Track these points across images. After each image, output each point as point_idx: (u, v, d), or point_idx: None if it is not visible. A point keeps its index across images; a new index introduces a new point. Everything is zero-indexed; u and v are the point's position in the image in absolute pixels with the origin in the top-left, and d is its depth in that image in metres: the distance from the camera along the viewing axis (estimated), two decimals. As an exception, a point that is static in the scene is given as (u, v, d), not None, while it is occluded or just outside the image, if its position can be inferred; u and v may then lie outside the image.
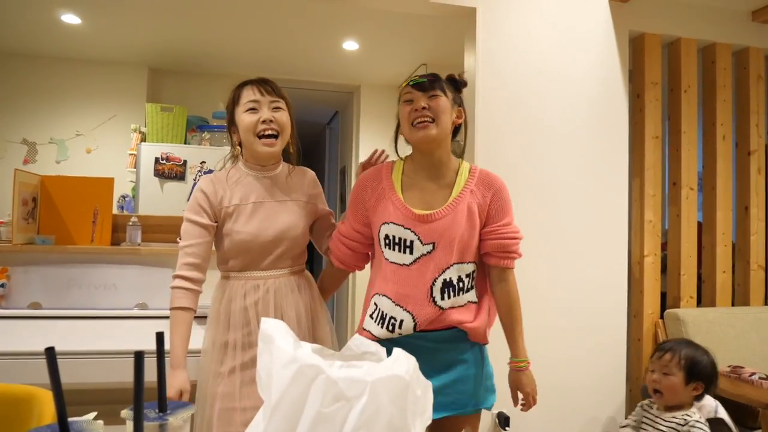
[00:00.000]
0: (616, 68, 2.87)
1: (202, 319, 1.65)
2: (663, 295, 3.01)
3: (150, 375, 0.76)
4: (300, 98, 5.30)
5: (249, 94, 1.58)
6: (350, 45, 3.98)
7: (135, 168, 3.93)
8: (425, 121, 1.49)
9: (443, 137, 1.53)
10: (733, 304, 3.07)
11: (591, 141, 2.81)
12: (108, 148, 4.37)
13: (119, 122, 4.37)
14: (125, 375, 1.78)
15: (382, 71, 4.55)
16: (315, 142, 7.40)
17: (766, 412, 2.17)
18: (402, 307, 1.50)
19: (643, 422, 1.98)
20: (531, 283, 2.67)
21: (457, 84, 1.59)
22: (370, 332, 1.53)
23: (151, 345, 0.82)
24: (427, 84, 1.50)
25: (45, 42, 4.06)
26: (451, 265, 1.50)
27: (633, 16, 2.90)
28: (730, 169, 3.09)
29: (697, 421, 1.81)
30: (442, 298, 1.50)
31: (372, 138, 4.77)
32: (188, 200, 1.62)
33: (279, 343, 0.74)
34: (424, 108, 1.49)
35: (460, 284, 1.52)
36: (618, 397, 2.81)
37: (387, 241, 1.53)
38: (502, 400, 2.55)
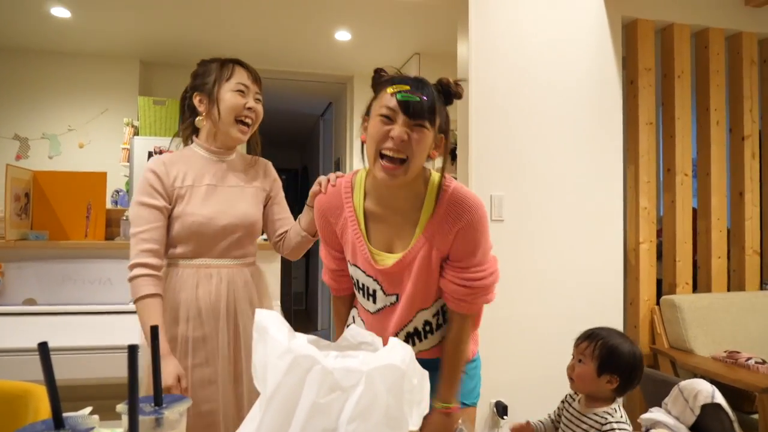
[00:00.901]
0: (610, 54, 2.86)
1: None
2: (659, 282, 3.03)
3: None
4: (293, 89, 5.27)
5: (242, 76, 1.50)
6: (342, 35, 3.95)
7: (128, 162, 3.91)
8: (395, 161, 1.17)
9: (411, 177, 1.21)
10: (728, 290, 3.09)
11: (585, 128, 2.81)
12: (101, 142, 4.34)
13: (111, 116, 4.34)
14: (121, 370, 1.78)
15: (375, 61, 4.52)
16: (309, 133, 7.38)
17: (762, 397, 2.18)
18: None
19: (563, 416, 1.87)
20: (526, 271, 2.69)
21: (448, 96, 1.24)
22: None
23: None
24: (415, 108, 1.15)
25: (35, 36, 4.01)
26: (415, 315, 1.31)
27: (626, 2, 2.89)
28: (724, 155, 3.09)
29: (618, 422, 1.63)
30: (412, 344, 1.33)
31: (366, 129, 4.76)
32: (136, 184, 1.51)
33: (274, 334, 0.73)
34: (402, 140, 1.15)
35: (427, 327, 1.33)
36: (615, 384, 2.82)
37: (354, 282, 1.36)
38: (500, 389, 2.57)
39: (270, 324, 0.77)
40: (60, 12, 3.58)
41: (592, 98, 2.83)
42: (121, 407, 0.73)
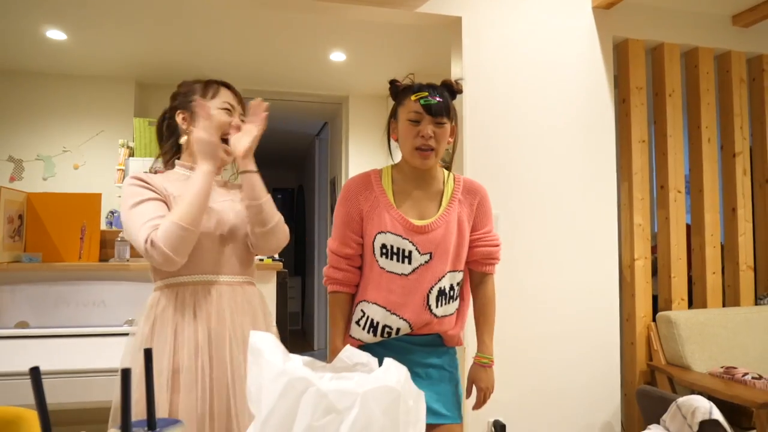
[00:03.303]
0: (601, 74, 2.90)
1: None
2: (654, 298, 3.03)
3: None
4: (289, 109, 5.31)
5: (227, 96, 1.49)
6: (337, 56, 4.00)
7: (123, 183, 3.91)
8: (427, 150, 1.51)
9: (437, 161, 1.57)
10: (724, 305, 3.09)
11: (578, 146, 2.83)
12: (96, 163, 4.34)
13: (107, 137, 4.35)
14: (116, 393, 1.76)
15: (370, 81, 4.57)
16: (304, 153, 7.41)
17: (760, 412, 2.18)
18: (398, 315, 1.53)
19: None
20: (523, 290, 2.69)
21: (453, 92, 1.57)
22: (360, 339, 1.55)
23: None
24: (436, 109, 1.48)
25: (30, 58, 4.04)
26: (446, 274, 1.55)
27: (616, 23, 2.93)
28: (716, 172, 3.12)
29: None
30: (437, 306, 1.55)
31: (361, 148, 4.78)
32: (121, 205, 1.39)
33: (268, 357, 0.73)
34: (430, 136, 1.49)
35: (451, 293, 1.58)
36: (613, 402, 2.80)
37: (384, 251, 1.53)
38: (498, 408, 2.55)
39: (264, 346, 0.76)
40: (55, 34, 3.61)
41: (585, 117, 2.86)
42: (114, 431, 0.73)
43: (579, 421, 2.75)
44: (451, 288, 1.57)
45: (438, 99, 1.49)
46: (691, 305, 3.06)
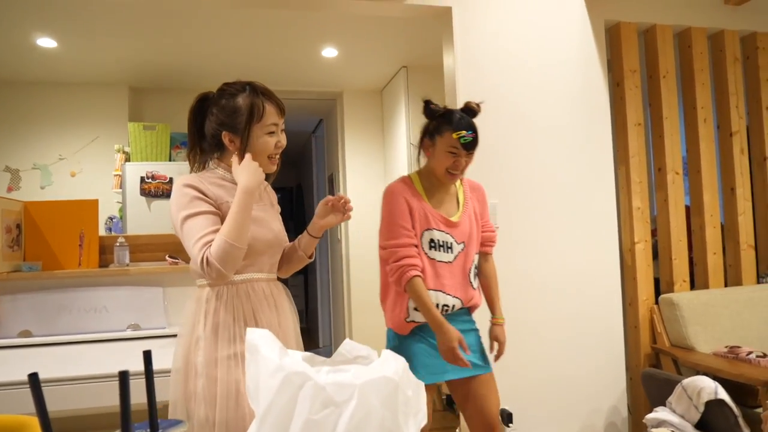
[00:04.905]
0: (595, 58, 2.89)
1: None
2: (656, 281, 3.02)
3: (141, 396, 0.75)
4: (283, 108, 5.29)
5: (272, 114, 1.50)
6: (329, 52, 3.98)
7: (121, 188, 3.91)
8: (457, 175, 1.90)
9: None
10: (726, 285, 3.09)
11: (574, 132, 2.82)
12: (92, 170, 4.34)
13: (102, 143, 4.35)
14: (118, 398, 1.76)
15: (364, 76, 4.55)
16: (301, 150, 7.40)
17: (765, 390, 2.18)
18: (452, 295, 1.89)
19: None
20: (524, 278, 2.68)
21: (474, 114, 1.92)
22: (415, 321, 1.88)
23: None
24: (471, 144, 1.85)
25: (22, 67, 4.03)
26: (474, 257, 1.97)
27: (607, 6, 2.92)
28: (713, 152, 3.11)
29: None
30: (474, 280, 1.98)
31: (357, 144, 4.77)
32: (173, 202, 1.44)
33: (264, 353, 0.73)
34: (464, 167, 1.89)
35: (476, 270, 2.00)
36: (619, 386, 2.81)
37: (432, 244, 1.88)
38: (504, 396, 2.55)
39: (261, 342, 0.76)
40: (46, 42, 3.60)
41: (580, 102, 2.85)
42: (115, 436, 0.73)
43: (585, 406, 2.75)
44: (476, 267, 1.99)
45: (472, 135, 1.85)
46: (693, 287, 3.06)
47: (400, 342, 1.91)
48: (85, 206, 2.48)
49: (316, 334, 6.34)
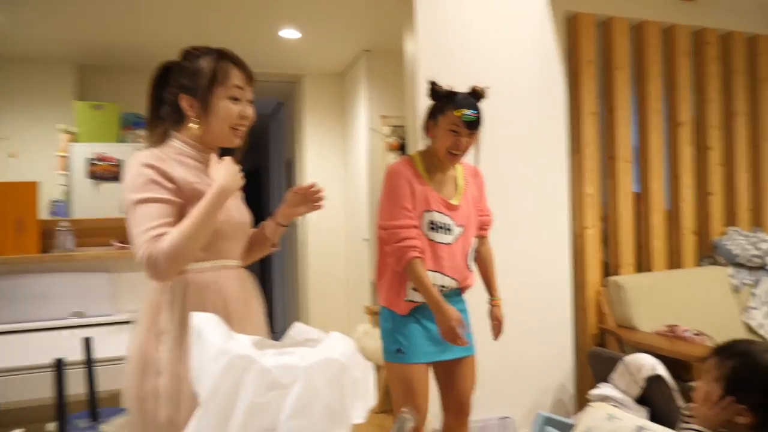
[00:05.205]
0: (553, 48, 2.93)
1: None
2: (606, 265, 3.12)
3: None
4: (239, 90, 5.17)
5: (237, 78, 1.37)
6: (289, 33, 3.91)
7: (66, 171, 3.75)
8: (459, 155, 1.90)
9: None
10: (669, 268, 3.22)
11: (531, 119, 2.87)
12: (35, 151, 4.13)
13: (45, 123, 4.14)
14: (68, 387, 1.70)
15: (325, 59, 4.49)
16: (258, 134, 7.27)
17: (698, 365, 2.28)
18: (449, 276, 1.92)
19: None
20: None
21: (479, 97, 1.93)
22: (413, 300, 1.90)
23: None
24: (474, 124, 1.86)
25: (-41, 41, 3.80)
26: (472, 240, 2.01)
27: (567, -4, 2.96)
28: (661, 142, 3.22)
29: None
30: (472, 263, 2.03)
31: (318, 128, 4.72)
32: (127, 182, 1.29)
33: (208, 336, 0.72)
34: (466, 147, 1.89)
35: (474, 253, 2.05)
36: (567, 365, 2.91)
37: (432, 226, 1.90)
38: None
39: (205, 326, 0.75)
40: (-15, 15, 3.41)
41: (537, 90, 2.89)
42: (51, 426, 0.70)
43: (535, 385, 2.84)
44: (474, 249, 2.04)
45: (476, 114, 1.85)
46: (639, 270, 3.17)
47: (394, 321, 1.92)
48: (23, 189, 2.36)
49: (272, 318, 6.30)
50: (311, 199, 1.53)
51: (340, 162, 4.73)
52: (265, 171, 6.81)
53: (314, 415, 0.66)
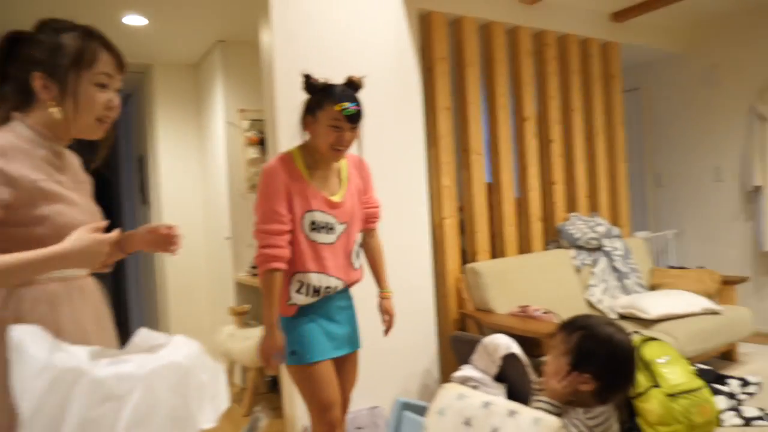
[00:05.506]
0: (408, 44, 3.02)
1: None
2: (465, 253, 3.31)
3: None
4: (81, 80, 4.72)
5: (106, 64, 1.23)
6: (134, 20, 3.62)
7: None
8: (342, 151, 1.83)
9: None
10: (520, 253, 3.49)
11: (388, 114, 2.94)
12: None
13: None
14: None
15: (177, 49, 4.23)
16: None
17: (547, 340, 2.50)
18: (334, 276, 1.87)
19: None
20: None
21: (356, 88, 1.88)
22: (297, 303, 1.84)
23: None
24: (355, 118, 1.80)
25: None
26: (357, 236, 1.97)
27: (421, -5, 3.06)
28: (509, 135, 3.47)
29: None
30: (356, 260, 1.98)
31: (171, 122, 4.44)
32: None
33: (29, 350, 0.63)
34: (349, 142, 1.82)
35: (358, 249, 2.00)
36: (431, 351, 3.04)
37: (313, 227, 1.83)
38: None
39: (26, 340, 0.66)
40: None
41: (394, 85, 2.97)
42: None
43: (401, 372, 2.93)
44: (360, 245, 2.00)
45: (357, 108, 1.79)
46: (493, 256, 3.40)
47: (286, 322, 1.86)
48: None
49: (127, 327, 5.86)
50: (167, 241, 1.39)
51: (197, 157, 4.50)
52: (115, 167, 6.30)
53: (155, 424, 0.61)
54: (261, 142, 3.93)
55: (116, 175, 5.96)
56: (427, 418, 1.39)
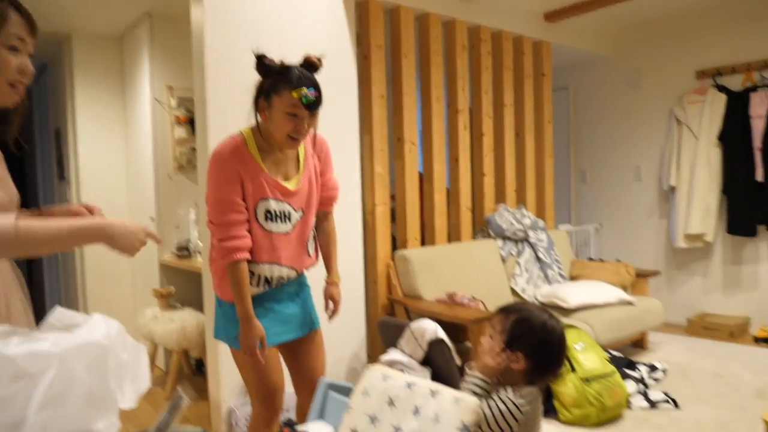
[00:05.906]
0: (345, 31, 3.00)
1: None
2: (396, 240, 3.35)
3: None
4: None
5: (18, 27, 1.17)
6: (52, -16, 3.39)
7: None
8: (300, 139, 1.68)
9: None
10: (449, 242, 3.57)
11: (324, 99, 2.90)
12: None
13: None
14: None
15: (98, 19, 3.99)
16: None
17: (472, 327, 2.59)
18: (287, 266, 1.78)
19: None
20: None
21: (314, 69, 1.73)
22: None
23: None
24: (314, 105, 1.66)
25: None
26: (313, 220, 1.87)
27: (357, -19, 3.04)
28: (443, 126, 3.53)
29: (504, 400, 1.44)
30: (311, 247, 1.89)
31: (92, 95, 4.20)
32: None
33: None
34: (306, 130, 1.68)
35: (313, 235, 1.91)
36: (360, 335, 3.07)
37: (268, 215, 1.71)
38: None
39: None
40: None
41: (330, 72, 2.90)
42: None
43: (331, 357, 2.92)
44: (315, 230, 1.92)
45: (315, 94, 1.65)
46: (423, 244, 3.47)
47: (234, 307, 1.72)
48: None
49: (42, 308, 5.53)
50: None
51: (121, 134, 4.29)
52: (29, 140, 5.90)
53: (71, 404, 0.59)
54: (190, 122, 3.79)
55: (32, 146, 5.59)
56: (351, 398, 1.41)
